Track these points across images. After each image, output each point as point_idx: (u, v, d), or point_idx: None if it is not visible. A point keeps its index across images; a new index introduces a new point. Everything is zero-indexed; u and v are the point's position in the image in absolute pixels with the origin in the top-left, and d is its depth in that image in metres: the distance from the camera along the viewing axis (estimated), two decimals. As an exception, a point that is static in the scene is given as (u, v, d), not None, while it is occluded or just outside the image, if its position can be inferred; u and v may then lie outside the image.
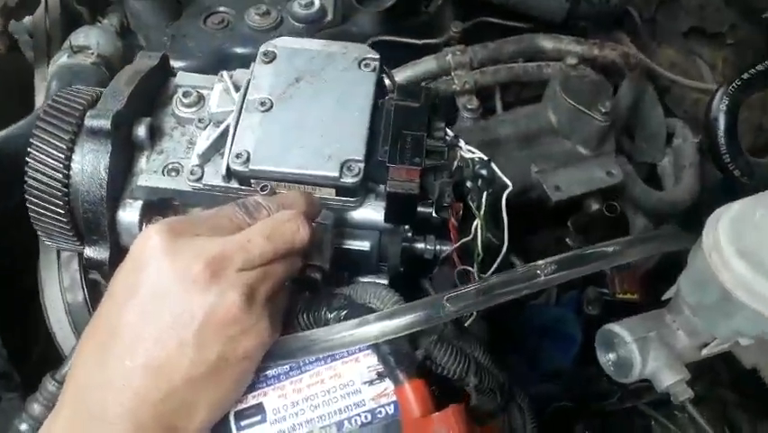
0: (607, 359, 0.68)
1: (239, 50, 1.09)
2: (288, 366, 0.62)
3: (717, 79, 1.22)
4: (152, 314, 0.55)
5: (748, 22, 1.19)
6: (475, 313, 0.80)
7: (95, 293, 0.95)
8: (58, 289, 0.97)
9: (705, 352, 0.65)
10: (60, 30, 1.18)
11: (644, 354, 0.64)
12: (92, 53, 1.07)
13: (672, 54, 1.24)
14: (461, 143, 0.72)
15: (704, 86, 1.19)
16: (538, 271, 0.61)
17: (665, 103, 1.21)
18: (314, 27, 1.10)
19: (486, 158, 0.72)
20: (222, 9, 1.16)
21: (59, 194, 0.74)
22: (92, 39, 1.08)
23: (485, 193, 0.71)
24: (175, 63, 1.04)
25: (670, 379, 0.63)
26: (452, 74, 1.07)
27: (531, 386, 0.93)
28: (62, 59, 1.07)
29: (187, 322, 0.54)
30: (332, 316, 0.62)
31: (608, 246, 0.64)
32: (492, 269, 0.75)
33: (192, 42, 1.12)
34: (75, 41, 1.08)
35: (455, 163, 0.72)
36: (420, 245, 0.77)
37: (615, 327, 0.66)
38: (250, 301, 0.56)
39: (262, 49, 0.76)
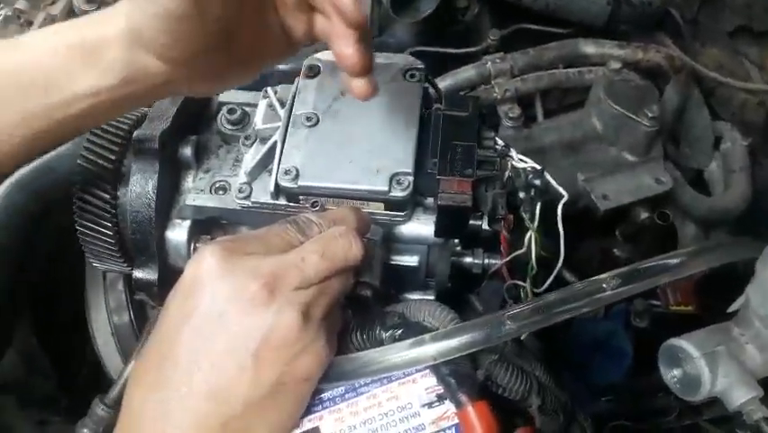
0: (672, 376, 0.65)
1: (280, 67, 1.09)
2: (343, 388, 0.60)
3: (766, 80, 1.18)
4: (209, 337, 0.54)
5: (800, 19, 1.16)
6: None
7: (141, 315, 0.95)
8: (104, 310, 0.97)
9: (778, 367, 0.62)
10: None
11: (713, 370, 0.61)
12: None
13: (717, 55, 1.21)
14: (513, 153, 0.70)
15: (752, 86, 1.15)
16: (604, 285, 0.58)
17: (711, 105, 1.18)
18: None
19: (539, 167, 0.70)
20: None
21: (108, 215, 0.74)
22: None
23: (538, 204, 0.68)
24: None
25: (743, 396, 0.59)
26: (493, 82, 1.05)
27: (585, 403, 0.90)
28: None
29: (245, 344, 0.53)
30: (386, 335, 0.60)
31: (671, 258, 0.62)
32: (547, 283, 0.73)
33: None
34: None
35: (507, 174, 0.70)
36: (468, 259, 0.75)
37: (680, 342, 0.63)
38: (306, 320, 0.55)
39: (306, 63, 0.75)
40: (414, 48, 1.10)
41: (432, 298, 0.77)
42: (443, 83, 1.05)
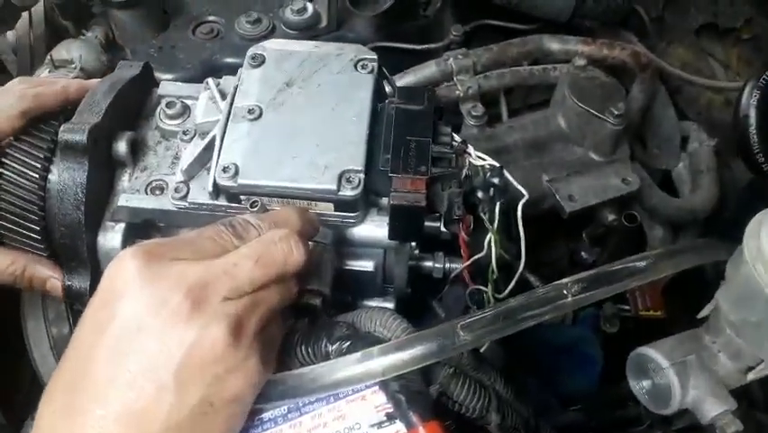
0: (641, 387, 0.61)
1: (230, 60, 1.04)
2: (286, 408, 0.55)
3: (731, 78, 1.17)
4: (126, 353, 0.48)
5: (765, 15, 1.14)
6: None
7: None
8: (42, 322, 0.90)
9: (751, 376, 0.59)
10: (45, 45, 1.14)
11: (683, 380, 0.57)
12: (74, 67, 1.01)
13: (683, 53, 1.19)
14: (471, 150, 0.65)
15: (719, 84, 1.14)
16: (564, 291, 0.54)
17: (678, 105, 1.16)
18: (307, 34, 1.04)
19: (498, 165, 0.65)
20: (211, 18, 1.11)
21: (35, 217, 0.68)
22: (74, 52, 1.03)
23: (498, 204, 0.64)
24: (163, 76, 0.99)
25: (715, 410, 0.56)
26: (455, 79, 1.01)
27: (552, 414, 0.86)
28: (43, 73, 1.01)
29: (165, 362, 0.48)
30: (333, 348, 0.55)
31: (639, 261, 0.58)
32: (509, 288, 0.69)
33: (181, 54, 1.07)
34: (56, 56, 1.03)
35: (464, 172, 0.66)
36: (428, 264, 0.71)
37: (649, 351, 0.60)
38: (237, 335, 0.49)
39: (250, 52, 0.70)
40: (373, 44, 1.05)
41: (391, 305, 0.73)
42: (404, 80, 1.00)
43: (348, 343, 0.54)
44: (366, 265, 0.68)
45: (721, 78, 1.16)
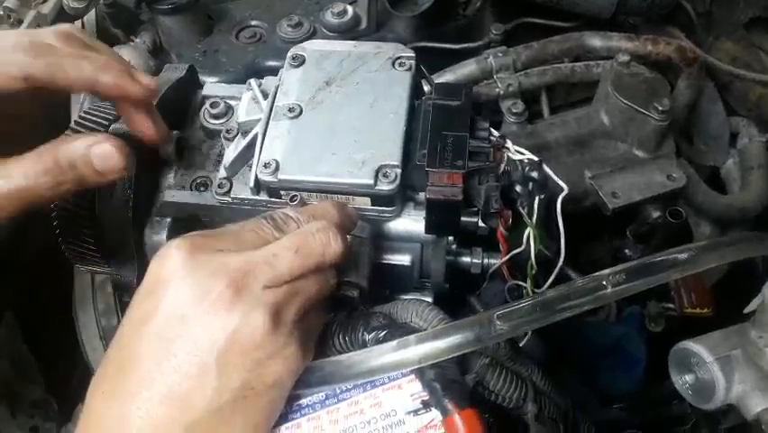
0: (683, 382, 0.60)
1: (272, 63, 1.06)
2: (323, 394, 0.56)
3: (784, 72, 1.13)
4: (171, 339, 0.50)
5: (818, 7, 1.10)
6: (530, 332, 0.73)
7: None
8: (92, 314, 0.94)
9: (799, 372, 0.56)
10: (97, 53, 1.18)
11: (727, 375, 0.56)
12: (124, 72, 1.05)
13: (732, 47, 1.15)
14: (509, 144, 0.65)
15: (770, 78, 1.10)
16: (604, 282, 0.53)
17: (727, 100, 1.12)
18: (348, 36, 1.05)
19: (537, 159, 0.65)
20: (254, 23, 1.13)
21: (86, 213, 0.71)
22: (124, 57, 1.07)
23: (537, 198, 0.64)
24: (208, 79, 1.02)
25: (761, 404, 0.54)
26: (495, 77, 1.01)
27: (594, 411, 0.85)
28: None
29: (209, 347, 0.49)
30: (370, 337, 0.56)
31: (680, 252, 0.56)
32: (547, 284, 0.68)
33: (224, 57, 1.10)
34: (107, 62, 1.07)
35: (502, 166, 0.66)
36: (466, 259, 0.71)
37: (692, 345, 0.58)
38: (277, 322, 0.51)
39: (290, 53, 0.72)
40: (414, 44, 1.06)
41: (429, 299, 0.73)
42: (443, 78, 1.00)
43: (384, 332, 0.55)
44: (403, 259, 0.69)
45: (772, 72, 1.12)
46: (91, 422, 0.51)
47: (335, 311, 0.61)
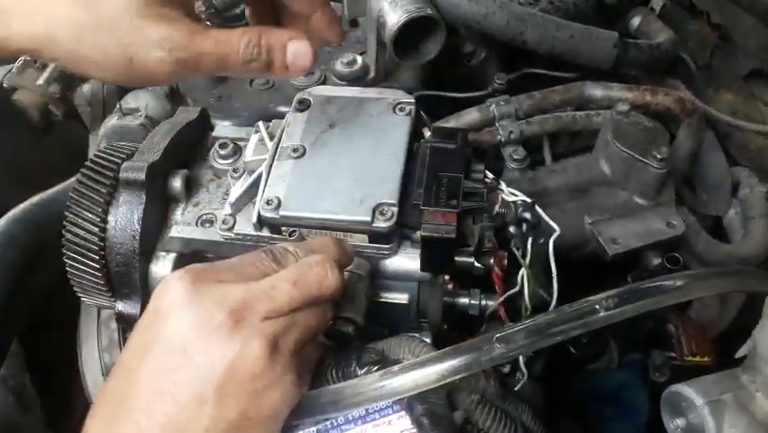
0: (675, 426, 0.60)
1: (283, 109, 1.09)
2: (314, 429, 0.56)
3: (783, 124, 1.15)
4: (170, 368, 0.51)
5: (814, 61, 1.12)
6: (526, 375, 0.73)
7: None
8: (95, 348, 0.95)
9: (791, 417, 0.56)
10: (117, 98, 1.23)
11: (718, 420, 0.56)
12: (140, 115, 1.09)
13: (732, 99, 1.17)
14: (503, 186, 0.67)
15: (769, 130, 1.11)
16: (597, 306, 0.54)
17: (728, 151, 1.14)
18: (357, 85, 1.09)
19: (529, 200, 0.67)
20: (267, 71, 1.17)
21: (96, 248, 0.73)
22: (141, 101, 1.12)
23: (530, 239, 0.65)
24: (221, 123, 1.06)
25: (751, 449, 0.54)
26: (497, 124, 1.03)
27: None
28: (112, 121, 1.10)
29: (208, 376, 0.51)
30: (362, 372, 0.57)
31: (672, 279, 0.57)
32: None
33: (238, 103, 1.13)
34: (125, 105, 1.12)
35: (496, 207, 0.67)
36: (464, 300, 0.72)
37: (683, 389, 0.59)
38: (274, 352, 0.52)
39: (297, 97, 0.75)
40: (419, 92, 1.09)
41: (428, 340, 0.74)
42: (446, 126, 1.03)
43: (376, 368, 0.56)
44: (401, 298, 0.70)
45: (772, 124, 1.14)
46: None
47: (331, 346, 0.62)
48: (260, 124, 0.76)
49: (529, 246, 0.65)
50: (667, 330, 0.98)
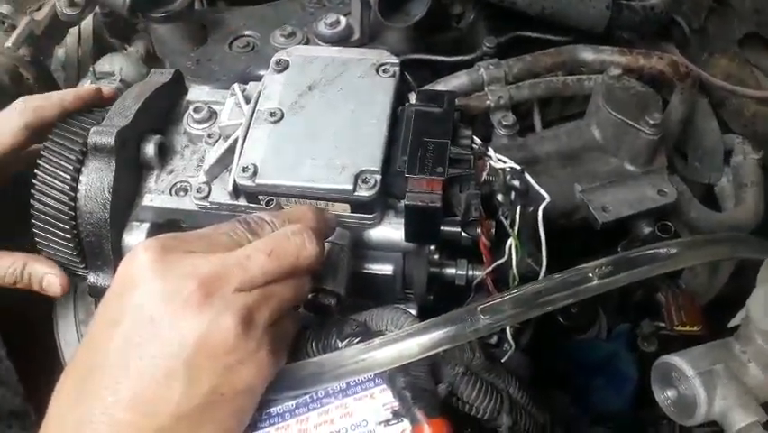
0: (665, 397, 0.58)
1: (264, 72, 1.05)
2: (293, 403, 0.54)
3: (779, 89, 1.12)
4: (138, 342, 0.49)
5: (812, 24, 1.09)
6: (513, 346, 0.71)
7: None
8: (73, 322, 0.93)
9: (784, 388, 0.55)
10: (92, 61, 1.18)
11: (709, 390, 0.54)
12: (115, 79, 1.05)
13: (726, 64, 1.15)
14: (491, 152, 0.65)
15: (765, 95, 1.09)
16: (590, 275, 0.52)
17: (721, 117, 1.12)
18: (341, 46, 1.05)
19: (518, 167, 0.64)
20: (247, 33, 1.13)
21: (66, 217, 0.70)
22: (116, 65, 1.08)
23: (518, 207, 0.63)
24: (197, 87, 1.02)
25: (743, 420, 0.53)
26: (486, 89, 1.00)
27: (584, 430, 0.83)
28: (86, 84, 1.05)
29: (177, 350, 0.48)
30: (343, 345, 0.55)
31: (665, 247, 0.55)
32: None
33: (217, 66, 1.09)
34: (99, 68, 1.08)
35: (484, 175, 0.65)
36: (450, 270, 0.70)
37: (674, 359, 0.57)
38: (248, 326, 0.50)
39: (275, 58, 0.72)
40: (406, 56, 1.06)
41: (413, 311, 0.72)
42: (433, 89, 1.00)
43: (357, 340, 0.54)
44: (385, 269, 0.68)
45: (767, 89, 1.12)
46: (54, 425, 0.49)
47: (312, 319, 0.60)
48: (236, 86, 0.73)
49: (518, 215, 0.63)
50: (656, 300, 0.97)
